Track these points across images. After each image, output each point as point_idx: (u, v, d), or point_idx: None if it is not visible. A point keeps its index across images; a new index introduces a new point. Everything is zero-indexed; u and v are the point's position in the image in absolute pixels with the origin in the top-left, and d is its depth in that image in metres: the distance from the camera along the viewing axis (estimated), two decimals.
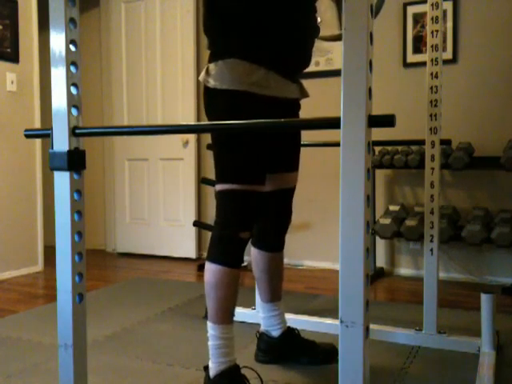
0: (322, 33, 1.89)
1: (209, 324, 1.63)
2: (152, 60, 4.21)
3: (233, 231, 1.60)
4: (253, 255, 1.94)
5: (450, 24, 3.30)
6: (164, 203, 4.22)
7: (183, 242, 4.14)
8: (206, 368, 1.65)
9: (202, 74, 1.66)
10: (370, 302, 0.95)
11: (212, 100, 1.65)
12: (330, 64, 3.63)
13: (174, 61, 4.11)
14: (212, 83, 1.61)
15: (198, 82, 3.99)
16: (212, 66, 1.63)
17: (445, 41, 3.29)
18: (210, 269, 1.61)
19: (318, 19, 1.81)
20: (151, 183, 4.27)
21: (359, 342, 0.92)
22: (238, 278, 1.64)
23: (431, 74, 2.02)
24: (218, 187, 1.63)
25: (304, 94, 1.82)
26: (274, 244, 1.92)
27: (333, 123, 0.96)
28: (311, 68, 1.84)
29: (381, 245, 3.53)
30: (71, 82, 1.17)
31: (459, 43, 3.31)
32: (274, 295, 1.96)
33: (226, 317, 1.61)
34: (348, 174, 0.92)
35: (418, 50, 3.41)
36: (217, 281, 1.59)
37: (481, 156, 3.16)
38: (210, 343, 1.63)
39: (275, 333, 1.96)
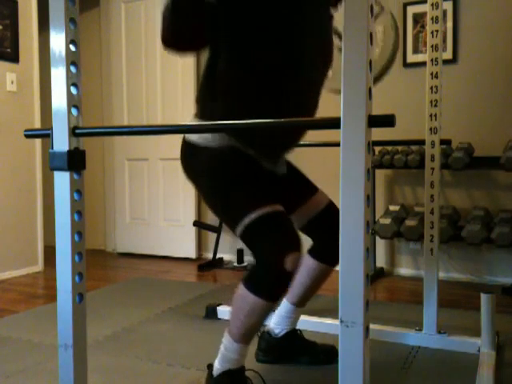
0: (335, 85, 1.86)
1: (227, 336, 1.60)
2: (152, 60, 4.20)
3: (274, 261, 1.48)
4: (306, 262, 1.87)
5: (450, 24, 3.30)
6: (164, 203, 4.22)
7: (183, 242, 4.14)
8: (209, 366, 1.63)
9: None
10: (370, 302, 0.95)
11: (193, 157, 1.63)
12: None
13: (174, 61, 4.11)
14: (194, 139, 1.61)
15: (198, 82, 3.99)
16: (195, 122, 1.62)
17: (445, 41, 3.28)
18: (246, 296, 1.53)
19: (330, 73, 1.77)
20: (151, 183, 4.27)
21: (359, 342, 0.92)
22: (272, 309, 1.60)
23: (431, 73, 2.02)
24: (238, 231, 1.55)
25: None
26: (332, 258, 1.85)
27: (333, 123, 0.96)
28: None
29: (381, 245, 3.53)
30: (71, 82, 1.17)
31: (459, 43, 3.31)
32: (302, 302, 1.95)
33: (247, 339, 1.60)
34: (348, 174, 0.92)
35: (418, 50, 3.41)
36: (250, 310, 1.53)
37: (481, 156, 3.15)
38: (222, 350, 1.60)
39: (279, 332, 1.96)
